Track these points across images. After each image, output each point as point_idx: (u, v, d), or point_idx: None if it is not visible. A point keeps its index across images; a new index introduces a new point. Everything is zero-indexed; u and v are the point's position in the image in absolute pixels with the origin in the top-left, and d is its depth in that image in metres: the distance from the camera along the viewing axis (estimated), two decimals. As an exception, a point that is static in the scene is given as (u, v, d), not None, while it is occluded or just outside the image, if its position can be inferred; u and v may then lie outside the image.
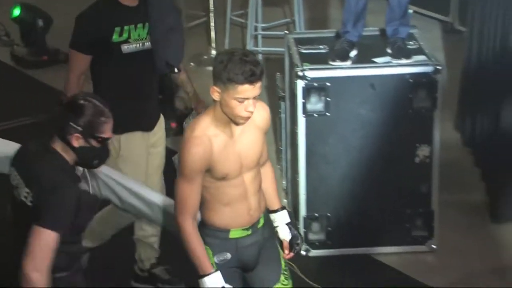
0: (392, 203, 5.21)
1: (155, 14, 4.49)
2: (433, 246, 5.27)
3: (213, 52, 7.70)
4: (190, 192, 3.54)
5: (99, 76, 4.55)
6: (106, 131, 3.53)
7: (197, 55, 7.72)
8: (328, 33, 5.58)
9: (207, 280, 3.55)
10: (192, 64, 7.63)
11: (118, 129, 4.35)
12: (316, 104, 5.06)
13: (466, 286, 5.00)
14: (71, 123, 3.44)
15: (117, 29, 4.41)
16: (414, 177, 5.19)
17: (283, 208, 3.88)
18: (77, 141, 3.47)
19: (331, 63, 5.08)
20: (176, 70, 4.75)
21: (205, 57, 7.72)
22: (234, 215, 3.63)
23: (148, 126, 4.67)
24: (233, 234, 3.65)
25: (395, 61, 5.09)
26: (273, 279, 3.77)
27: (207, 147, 3.49)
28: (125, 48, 4.45)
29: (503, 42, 5.49)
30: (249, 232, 3.67)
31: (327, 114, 5.07)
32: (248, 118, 3.48)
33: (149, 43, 4.52)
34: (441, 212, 5.27)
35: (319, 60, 5.12)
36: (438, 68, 5.04)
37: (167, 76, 5.12)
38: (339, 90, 5.06)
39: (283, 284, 3.78)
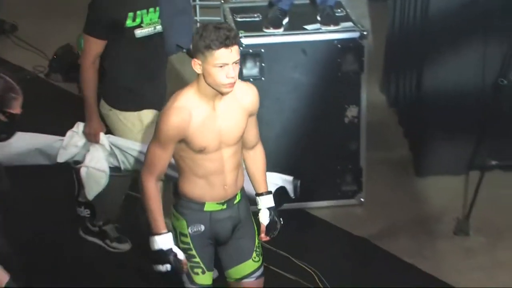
0: (324, 161, 5.27)
1: None
2: (361, 199, 5.37)
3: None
4: (160, 157, 3.47)
5: (111, 60, 4.43)
6: (15, 107, 3.35)
7: (138, 25, 7.67)
8: (262, 2, 5.54)
9: (158, 239, 3.50)
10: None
11: (136, 107, 4.44)
12: (251, 69, 5.09)
13: (391, 235, 5.10)
14: None
15: (131, 14, 4.30)
16: (344, 136, 5.25)
17: (268, 192, 3.78)
18: None
19: (265, 30, 5.10)
20: (184, 50, 4.68)
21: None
22: (209, 188, 3.55)
23: (160, 104, 4.43)
24: (208, 207, 3.58)
25: (324, 28, 5.12)
26: (245, 254, 3.71)
27: (185, 118, 3.41)
28: (138, 32, 4.35)
29: (423, 10, 5.54)
30: (224, 206, 3.60)
31: (262, 78, 5.09)
32: (232, 85, 3.38)
33: (160, 26, 4.42)
34: (368, 168, 5.36)
35: (253, 28, 5.14)
36: (364, 34, 5.08)
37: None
38: (273, 55, 5.08)
39: (254, 261, 3.72)
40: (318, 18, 5.18)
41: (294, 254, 4.74)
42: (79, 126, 4.49)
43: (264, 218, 3.74)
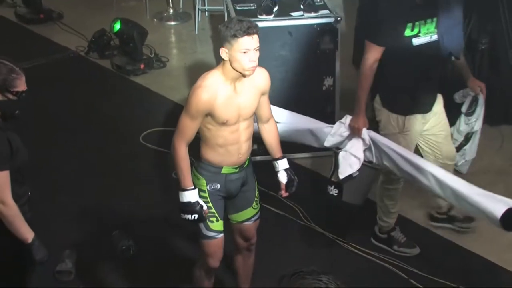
0: None
1: (444, 11, 3.97)
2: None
3: (171, 11, 7.64)
4: (189, 126, 3.42)
5: (389, 65, 4.06)
6: (19, 85, 3.23)
7: (159, 13, 7.64)
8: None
9: (186, 193, 3.47)
10: (155, 20, 7.57)
11: (404, 111, 4.12)
12: (248, 47, 5.11)
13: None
14: None
15: (409, 25, 3.92)
16: (322, 100, 5.26)
17: (283, 156, 3.73)
18: None
19: (259, 16, 5.08)
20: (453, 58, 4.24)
21: (165, 14, 7.63)
22: (227, 155, 3.52)
23: (427, 109, 4.17)
24: (224, 170, 3.55)
25: (306, 15, 5.10)
26: (247, 203, 3.72)
27: (213, 95, 3.36)
28: (415, 41, 3.96)
29: None
30: (237, 170, 3.58)
31: (257, 55, 5.12)
32: (254, 68, 3.35)
33: (436, 36, 3.99)
34: (341, 126, 5.37)
35: (249, 14, 5.08)
36: (338, 19, 5.08)
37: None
38: (265, 36, 4.91)
39: (254, 208, 3.74)
40: (301, 6, 5.15)
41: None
42: (347, 119, 4.24)
43: (283, 178, 3.71)
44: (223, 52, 3.34)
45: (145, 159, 5.40)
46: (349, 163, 4.13)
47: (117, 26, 6.58)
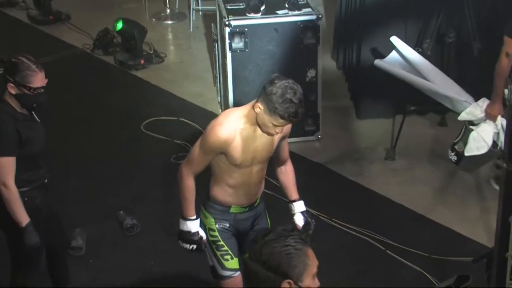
0: None
1: None
2: (319, 136, 5.33)
3: (168, 11, 7.55)
4: (200, 160, 3.01)
5: None
6: (34, 82, 3.14)
7: (157, 13, 7.54)
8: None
9: (188, 223, 3.13)
10: (153, 19, 7.48)
11: None
12: (238, 43, 5.01)
13: (340, 161, 5.09)
14: (6, 76, 3.16)
15: None
16: (306, 90, 4.96)
17: (300, 199, 3.31)
18: (13, 89, 3.17)
19: (247, 14, 5.01)
20: None
21: (162, 14, 7.53)
22: (236, 196, 3.12)
23: None
24: (233, 210, 3.15)
25: (291, 13, 5.03)
26: None
27: (231, 136, 2.93)
28: None
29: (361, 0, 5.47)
30: (246, 209, 3.18)
31: (246, 50, 5.02)
32: (274, 135, 2.93)
33: None
34: (323, 113, 5.32)
35: (239, 13, 5.04)
36: (319, 17, 5.01)
37: None
38: (254, 33, 5.01)
39: None
40: (286, 5, 5.09)
41: (270, 176, 4.74)
42: (484, 102, 4.02)
43: (299, 220, 3.30)
44: (257, 107, 2.86)
45: (146, 145, 5.34)
46: (477, 146, 3.96)
47: (119, 25, 6.52)
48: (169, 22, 7.49)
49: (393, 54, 4.19)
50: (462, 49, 5.22)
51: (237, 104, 5.17)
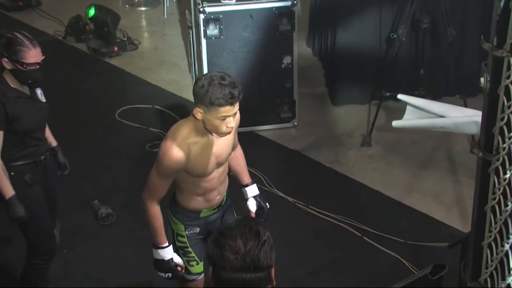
0: (267, 95, 5.21)
1: None
2: (295, 123, 5.32)
3: (141, -3, 7.48)
4: (160, 185, 2.91)
5: None
6: (26, 58, 3.13)
7: (130, -1, 7.50)
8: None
9: (160, 251, 3.03)
10: (127, 6, 7.38)
11: None
12: (213, 30, 4.97)
13: (316, 148, 5.08)
14: (1, 51, 3.17)
15: None
16: (282, 77, 5.18)
17: (252, 183, 3.25)
18: (7, 64, 3.17)
19: (222, 1, 4.95)
20: None
21: (136, 0, 7.42)
22: (205, 202, 3.04)
23: None
24: (203, 214, 3.08)
25: (266, -1, 5.00)
26: None
27: (185, 154, 2.82)
28: None
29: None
30: (215, 210, 3.11)
31: (221, 36, 4.98)
32: (230, 132, 2.80)
33: None
34: (299, 100, 5.30)
35: (214, -1, 5.01)
36: (294, 3, 4.98)
37: None
38: (229, 20, 4.96)
39: None
40: (261, -9, 5.04)
41: (247, 163, 4.74)
42: None
43: (252, 205, 3.24)
44: (198, 113, 2.76)
45: (120, 134, 5.30)
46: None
47: (92, 12, 6.43)
48: (143, 8, 7.41)
49: (408, 110, 4.13)
50: (436, 35, 5.24)
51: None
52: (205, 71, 5.07)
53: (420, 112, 4.02)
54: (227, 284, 1.94)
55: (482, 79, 1.87)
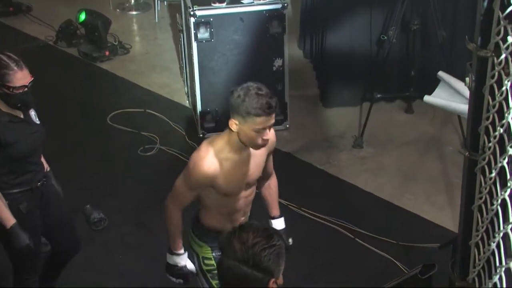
0: None
1: None
2: (287, 125, 5.33)
3: (132, 1, 7.47)
4: (186, 195, 2.84)
5: None
6: (13, 81, 3.00)
7: (121, 4, 7.45)
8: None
9: (175, 257, 3.01)
10: (118, 10, 7.39)
11: None
12: (204, 33, 4.97)
13: (308, 150, 5.09)
14: None
15: None
16: (273, 79, 5.17)
17: (280, 216, 3.19)
18: None
19: (212, 4, 4.97)
20: None
21: (127, 4, 7.43)
22: (230, 222, 2.92)
23: None
24: None
25: (256, 1, 4.99)
26: None
27: (216, 169, 2.75)
28: None
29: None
30: None
31: (212, 40, 4.99)
32: (265, 145, 2.73)
33: None
34: (291, 102, 5.32)
35: (204, 3, 4.99)
36: (285, 5, 4.99)
37: None
38: (219, 23, 4.97)
39: None
40: (251, -6, 5.07)
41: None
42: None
43: None
44: (233, 124, 2.68)
45: (112, 138, 5.30)
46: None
47: (82, 16, 6.44)
48: (134, 12, 7.42)
49: (440, 87, 4.11)
50: (426, 36, 5.27)
51: (204, 94, 5.16)
52: (196, 74, 5.09)
53: (451, 94, 3.99)
54: (224, 271, 2.00)
55: (467, 79, 1.89)
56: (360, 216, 4.41)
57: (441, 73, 4.11)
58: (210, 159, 2.75)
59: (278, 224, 3.19)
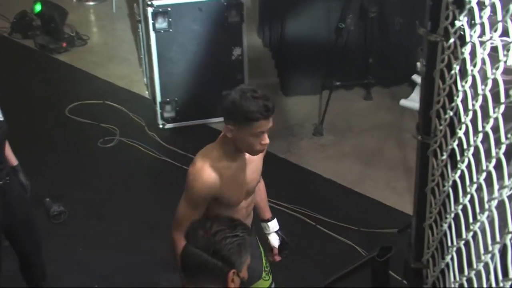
0: (218, 87, 4.92)
1: None
2: (247, 114, 5.36)
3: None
4: (190, 216, 2.53)
5: None
6: None
7: (78, -6, 7.40)
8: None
9: None
10: (74, 0, 7.29)
11: None
12: (162, 23, 4.95)
13: (268, 138, 5.12)
14: None
15: None
16: (232, 69, 5.19)
17: (273, 218, 3.08)
18: None
19: (171, -6, 4.97)
20: None
21: (84, -6, 7.40)
22: None
23: None
24: None
25: (214, -9, 5.01)
26: (256, 275, 3.00)
27: (217, 178, 2.59)
28: None
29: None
30: None
31: (170, 30, 4.97)
32: (264, 150, 2.62)
33: None
34: (251, 92, 5.35)
35: (162, -8, 4.98)
36: (243, -6, 5.01)
37: None
38: (178, 12, 4.95)
39: (265, 280, 3.05)
40: (209, -16, 5.05)
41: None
42: None
43: (275, 241, 3.08)
44: (228, 131, 2.53)
45: (71, 131, 5.25)
46: None
47: (38, 7, 6.35)
48: (91, 3, 7.32)
49: (416, 90, 4.14)
50: (384, 24, 5.32)
51: (163, 85, 5.14)
52: (155, 65, 5.06)
53: None
54: (186, 258, 2.03)
55: (418, 64, 1.93)
56: (321, 203, 4.45)
57: (415, 77, 4.17)
58: (208, 169, 2.59)
59: (273, 225, 3.11)
